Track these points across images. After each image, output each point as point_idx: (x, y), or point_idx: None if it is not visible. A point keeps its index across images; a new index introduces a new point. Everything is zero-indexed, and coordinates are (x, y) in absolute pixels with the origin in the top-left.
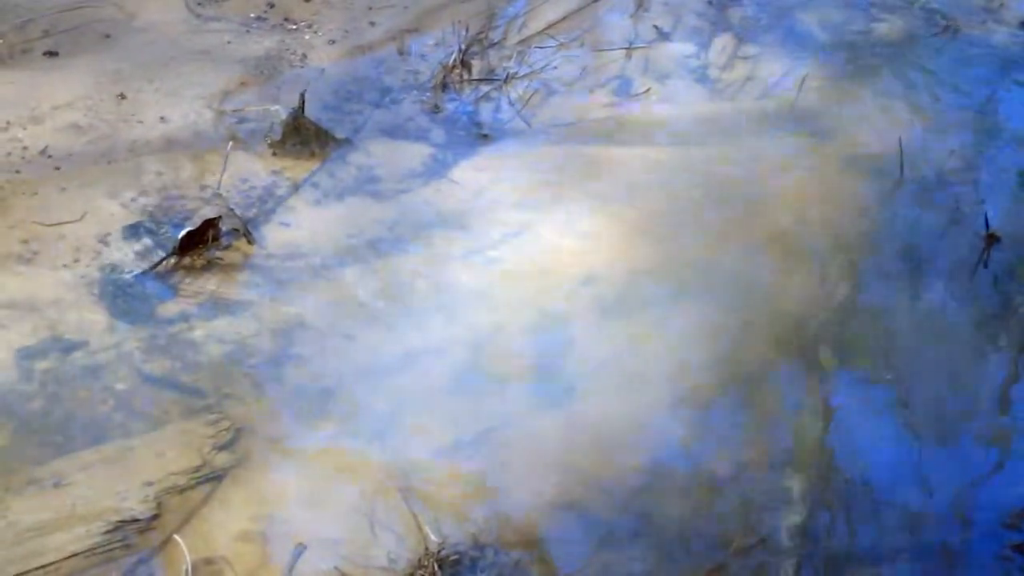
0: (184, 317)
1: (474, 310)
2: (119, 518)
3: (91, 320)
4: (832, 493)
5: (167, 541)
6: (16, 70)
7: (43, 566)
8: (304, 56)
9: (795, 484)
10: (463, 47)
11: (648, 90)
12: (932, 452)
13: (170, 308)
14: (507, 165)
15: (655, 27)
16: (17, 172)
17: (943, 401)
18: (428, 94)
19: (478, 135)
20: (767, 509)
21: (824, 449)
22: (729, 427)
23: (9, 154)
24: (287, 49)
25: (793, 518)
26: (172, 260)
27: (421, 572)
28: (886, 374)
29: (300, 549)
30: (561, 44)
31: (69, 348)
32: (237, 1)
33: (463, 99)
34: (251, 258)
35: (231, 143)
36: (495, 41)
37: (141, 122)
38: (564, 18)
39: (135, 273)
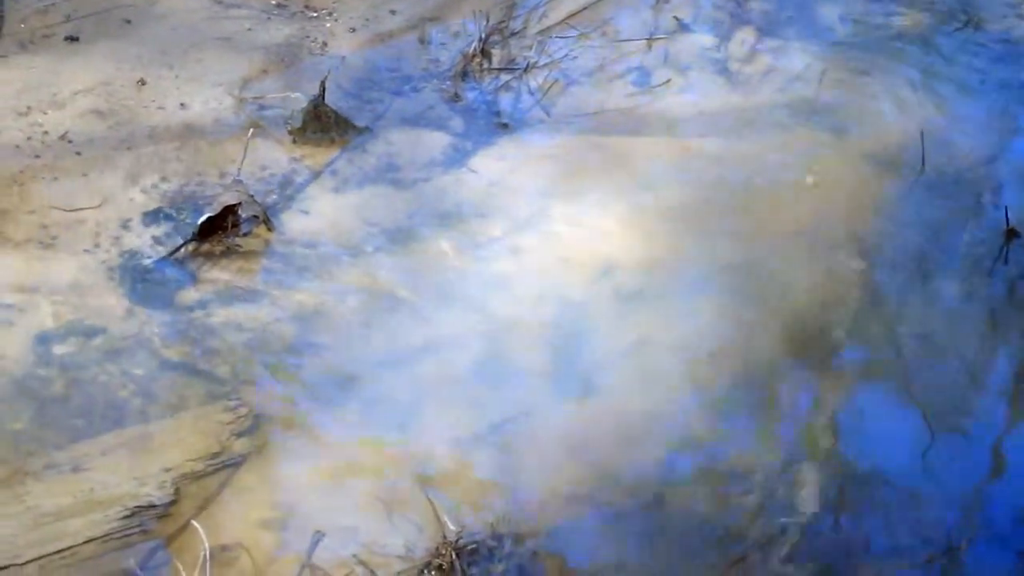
0: (203, 303)
1: (493, 300)
2: (137, 504)
3: (110, 306)
4: (848, 488)
5: (185, 527)
6: (37, 55)
7: (61, 551)
8: (325, 44)
9: (811, 478)
10: (483, 36)
11: (668, 81)
12: (947, 449)
13: (189, 294)
14: (526, 155)
15: (675, 18)
16: (37, 157)
17: (959, 397)
18: (448, 83)
19: (498, 124)
20: (786, 503)
21: (839, 444)
22: (746, 419)
23: (29, 139)
24: (308, 37)
25: (810, 512)
26: (192, 246)
27: (439, 561)
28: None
29: (318, 536)
30: (581, 34)
31: (88, 333)
32: None
33: (483, 88)
34: (270, 245)
35: (251, 130)
36: (515, 30)
37: (162, 108)
38: (584, 8)
39: (155, 259)
